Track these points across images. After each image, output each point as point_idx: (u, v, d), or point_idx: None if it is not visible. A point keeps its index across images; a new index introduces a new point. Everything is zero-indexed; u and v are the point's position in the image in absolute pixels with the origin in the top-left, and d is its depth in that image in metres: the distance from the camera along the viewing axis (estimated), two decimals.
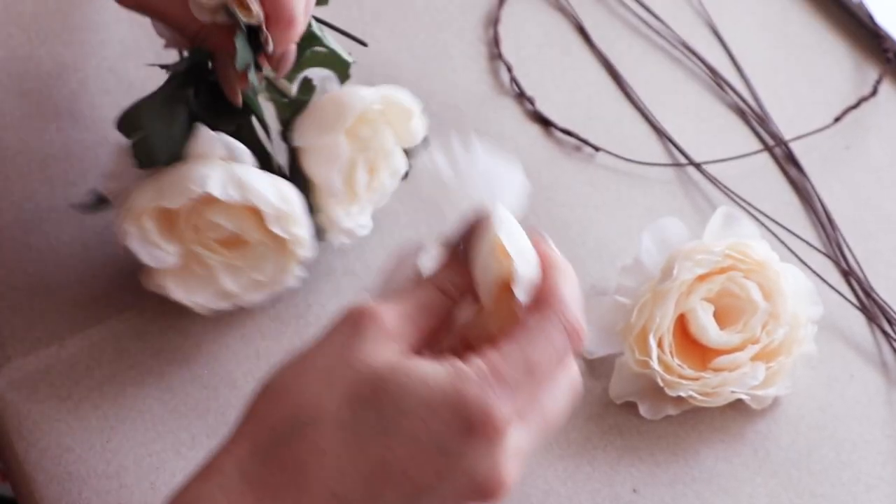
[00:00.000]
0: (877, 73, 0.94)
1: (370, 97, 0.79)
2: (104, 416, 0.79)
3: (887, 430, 0.79)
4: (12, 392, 0.80)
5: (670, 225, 0.83)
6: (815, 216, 0.88)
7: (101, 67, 0.93)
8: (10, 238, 0.86)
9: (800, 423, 0.80)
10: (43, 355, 0.82)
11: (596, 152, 0.91)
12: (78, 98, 0.91)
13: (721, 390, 0.78)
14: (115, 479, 0.77)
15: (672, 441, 0.79)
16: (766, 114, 0.93)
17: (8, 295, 0.84)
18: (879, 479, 0.78)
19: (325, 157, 0.80)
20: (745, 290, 0.79)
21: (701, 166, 0.90)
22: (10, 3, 0.96)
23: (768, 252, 0.80)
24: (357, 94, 0.79)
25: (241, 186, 0.77)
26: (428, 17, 0.97)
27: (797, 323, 0.79)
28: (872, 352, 0.83)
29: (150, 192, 0.77)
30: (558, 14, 0.98)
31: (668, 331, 0.78)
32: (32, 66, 0.93)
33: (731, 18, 0.98)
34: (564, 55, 0.96)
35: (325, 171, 0.80)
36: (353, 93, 0.79)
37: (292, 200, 0.78)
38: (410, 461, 0.60)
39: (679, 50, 0.96)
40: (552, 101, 0.93)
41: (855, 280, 0.85)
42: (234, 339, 0.82)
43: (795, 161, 0.91)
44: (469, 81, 0.94)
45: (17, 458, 0.78)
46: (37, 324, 0.83)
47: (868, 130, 0.92)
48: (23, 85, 0.92)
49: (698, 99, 0.94)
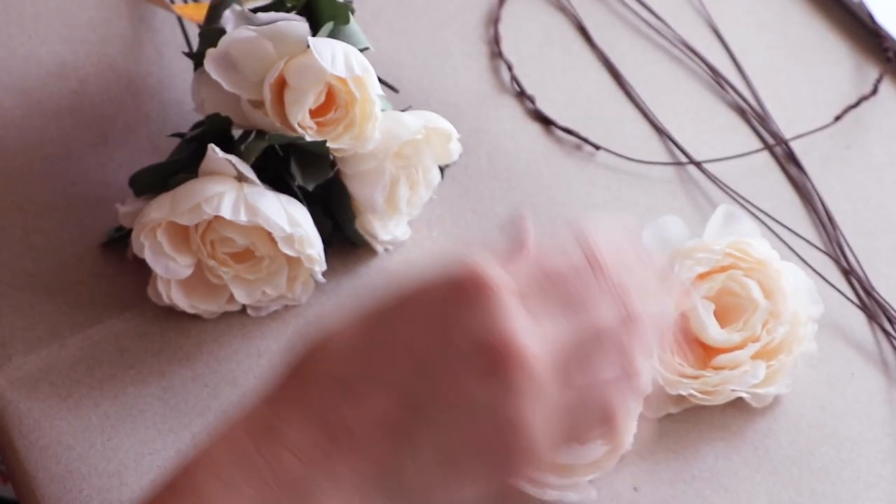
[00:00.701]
0: (877, 73, 0.94)
1: (414, 127, 0.81)
2: (105, 415, 0.79)
3: (887, 428, 0.79)
4: (13, 391, 0.80)
5: (671, 223, 0.83)
6: (816, 215, 0.88)
7: (102, 65, 0.93)
8: (10, 238, 0.86)
9: (800, 422, 0.80)
10: (43, 354, 0.82)
11: (596, 151, 0.91)
12: (78, 97, 0.91)
13: (721, 389, 0.78)
14: (116, 477, 0.77)
15: (672, 439, 0.79)
16: (767, 113, 0.93)
17: (8, 295, 0.84)
18: (879, 477, 0.78)
19: (369, 180, 0.82)
20: (746, 289, 0.79)
21: (701, 165, 0.90)
22: (10, 3, 0.96)
23: (769, 251, 0.80)
24: (402, 122, 0.81)
25: (251, 210, 0.78)
26: (428, 16, 0.97)
27: (797, 321, 0.79)
28: (873, 350, 0.83)
29: (164, 208, 0.79)
30: (559, 13, 0.98)
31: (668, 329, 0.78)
32: (33, 65, 0.93)
33: (732, 18, 0.98)
34: (565, 54, 0.96)
35: (369, 191, 0.82)
36: (398, 121, 0.81)
37: (303, 223, 0.79)
38: (412, 337, 0.60)
39: (679, 49, 0.96)
40: (553, 100, 0.93)
41: (855, 279, 0.85)
42: (235, 339, 0.82)
43: (796, 160, 0.91)
44: (469, 80, 0.94)
45: (17, 456, 0.78)
46: (37, 323, 0.83)
47: (868, 129, 0.92)
48: (23, 84, 0.92)
49: (699, 98, 0.94)
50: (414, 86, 0.91)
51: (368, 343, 0.61)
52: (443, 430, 0.60)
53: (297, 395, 0.61)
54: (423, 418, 0.60)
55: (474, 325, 0.60)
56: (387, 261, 0.85)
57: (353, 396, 0.60)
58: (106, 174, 0.89)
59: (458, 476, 0.60)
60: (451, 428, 0.60)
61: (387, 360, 0.61)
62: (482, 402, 0.60)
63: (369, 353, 0.61)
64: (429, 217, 0.87)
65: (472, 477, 0.61)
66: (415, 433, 0.60)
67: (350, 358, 0.61)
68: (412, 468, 0.60)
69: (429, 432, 0.60)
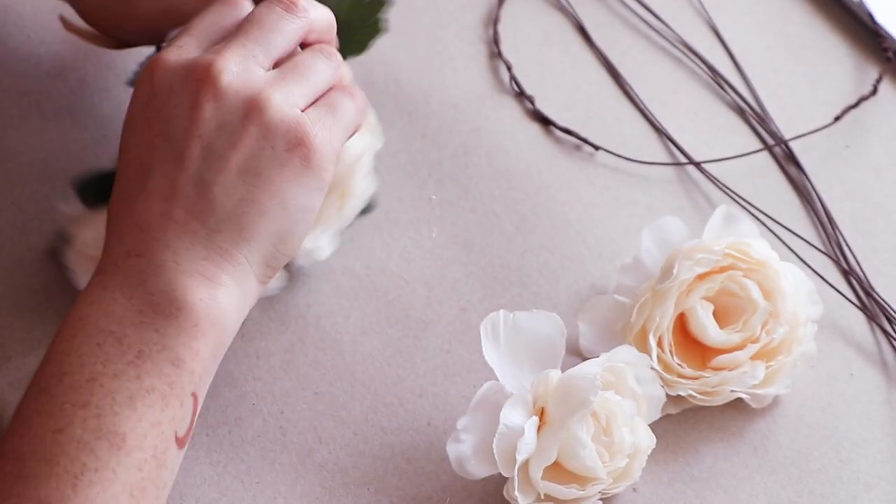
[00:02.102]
0: (877, 73, 0.94)
1: (356, 152, 0.80)
2: None
3: (887, 428, 0.79)
4: (12, 392, 0.80)
5: (670, 224, 0.83)
6: (815, 215, 0.88)
7: (101, 66, 0.93)
8: (10, 238, 0.86)
9: (799, 422, 0.80)
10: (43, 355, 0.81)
11: (596, 151, 0.91)
12: (78, 98, 0.91)
13: (721, 389, 0.78)
14: None
15: (672, 440, 0.79)
16: (766, 113, 0.93)
17: (7, 295, 0.84)
18: (879, 477, 0.78)
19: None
20: (745, 289, 0.79)
21: (701, 165, 0.90)
22: (10, 3, 0.96)
23: (768, 251, 0.80)
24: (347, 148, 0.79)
25: None
26: (428, 16, 0.97)
27: (797, 322, 0.79)
28: (872, 351, 0.83)
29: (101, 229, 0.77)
30: (558, 13, 0.98)
31: (667, 330, 0.78)
32: (32, 65, 0.93)
33: (731, 18, 0.98)
34: (564, 54, 0.96)
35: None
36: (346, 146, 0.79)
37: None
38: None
39: (679, 49, 0.96)
40: (552, 100, 0.93)
41: (855, 279, 0.85)
42: (234, 339, 0.82)
43: (795, 160, 0.91)
44: (469, 80, 0.94)
45: None
46: (37, 324, 0.83)
47: (868, 130, 0.92)
48: (22, 85, 0.92)
49: (698, 98, 0.94)
50: (414, 86, 0.91)
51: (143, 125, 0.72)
52: (215, 156, 0.70)
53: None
54: (197, 160, 0.70)
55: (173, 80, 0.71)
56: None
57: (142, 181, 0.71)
58: None
59: (257, 172, 0.70)
60: (218, 148, 0.70)
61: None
62: (215, 113, 0.70)
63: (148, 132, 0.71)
64: (428, 217, 0.87)
65: (265, 163, 0.70)
66: (201, 175, 0.70)
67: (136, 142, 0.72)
68: (221, 195, 0.69)
69: (208, 165, 0.70)
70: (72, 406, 0.66)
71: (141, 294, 0.69)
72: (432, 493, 0.77)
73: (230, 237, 0.70)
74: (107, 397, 0.66)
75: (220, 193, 0.70)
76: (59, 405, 0.66)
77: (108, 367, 0.67)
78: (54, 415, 0.66)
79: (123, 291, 0.69)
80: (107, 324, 0.68)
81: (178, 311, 0.68)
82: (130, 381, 0.67)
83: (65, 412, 0.66)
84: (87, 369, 0.67)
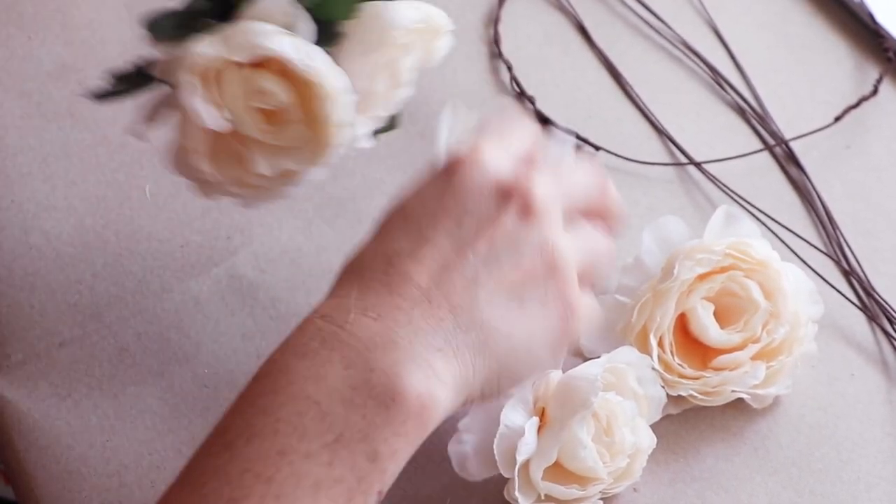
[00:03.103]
0: (877, 73, 0.94)
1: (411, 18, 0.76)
2: (104, 415, 0.79)
3: (888, 428, 0.79)
4: (12, 391, 0.80)
5: (671, 224, 0.83)
6: (816, 215, 0.88)
7: (101, 67, 0.93)
8: (10, 238, 0.86)
9: (800, 422, 0.80)
10: (43, 354, 0.82)
11: (596, 151, 0.91)
12: (78, 98, 0.91)
13: (721, 389, 0.78)
14: (116, 477, 0.77)
15: (672, 440, 0.79)
16: (767, 113, 0.93)
17: (7, 295, 0.84)
18: (880, 477, 0.78)
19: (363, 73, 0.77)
20: (746, 290, 0.79)
21: (701, 165, 0.90)
22: (10, 3, 0.96)
23: (769, 251, 0.80)
24: (400, 12, 0.76)
25: (310, 58, 0.73)
26: None
27: (798, 322, 0.79)
28: (873, 351, 0.83)
29: (216, 45, 0.73)
30: (559, 13, 0.98)
31: (668, 330, 0.78)
32: (32, 66, 0.93)
33: (732, 18, 0.98)
34: (565, 54, 0.96)
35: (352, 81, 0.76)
36: (396, 11, 0.76)
37: (348, 87, 0.75)
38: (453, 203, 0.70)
39: (679, 49, 0.96)
40: (552, 101, 0.93)
41: (855, 279, 0.85)
42: (234, 339, 0.82)
43: (796, 160, 0.91)
44: (469, 80, 0.94)
45: (17, 456, 0.78)
46: (36, 323, 0.83)
47: (868, 130, 0.92)
48: (23, 85, 0.92)
49: (699, 98, 0.94)
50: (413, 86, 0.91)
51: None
52: (496, 265, 0.68)
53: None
54: (479, 259, 0.68)
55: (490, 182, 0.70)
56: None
57: (417, 248, 0.68)
58: (106, 174, 0.89)
59: (521, 301, 0.68)
60: (503, 261, 0.68)
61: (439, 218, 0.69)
62: (516, 233, 0.69)
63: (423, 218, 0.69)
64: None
65: (531, 299, 0.68)
66: (477, 274, 0.68)
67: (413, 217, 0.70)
68: (484, 301, 0.67)
69: (487, 270, 0.68)
70: (254, 477, 0.61)
71: (361, 366, 0.64)
72: (433, 494, 0.77)
73: (473, 343, 0.67)
74: (292, 478, 0.61)
75: (483, 298, 0.67)
76: (240, 472, 0.62)
77: (303, 445, 0.62)
78: (232, 481, 0.61)
79: (344, 355, 0.64)
80: (315, 391, 0.63)
81: (392, 401, 0.63)
82: (321, 466, 0.62)
83: (244, 482, 0.61)
84: (280, 440, 0.62)
